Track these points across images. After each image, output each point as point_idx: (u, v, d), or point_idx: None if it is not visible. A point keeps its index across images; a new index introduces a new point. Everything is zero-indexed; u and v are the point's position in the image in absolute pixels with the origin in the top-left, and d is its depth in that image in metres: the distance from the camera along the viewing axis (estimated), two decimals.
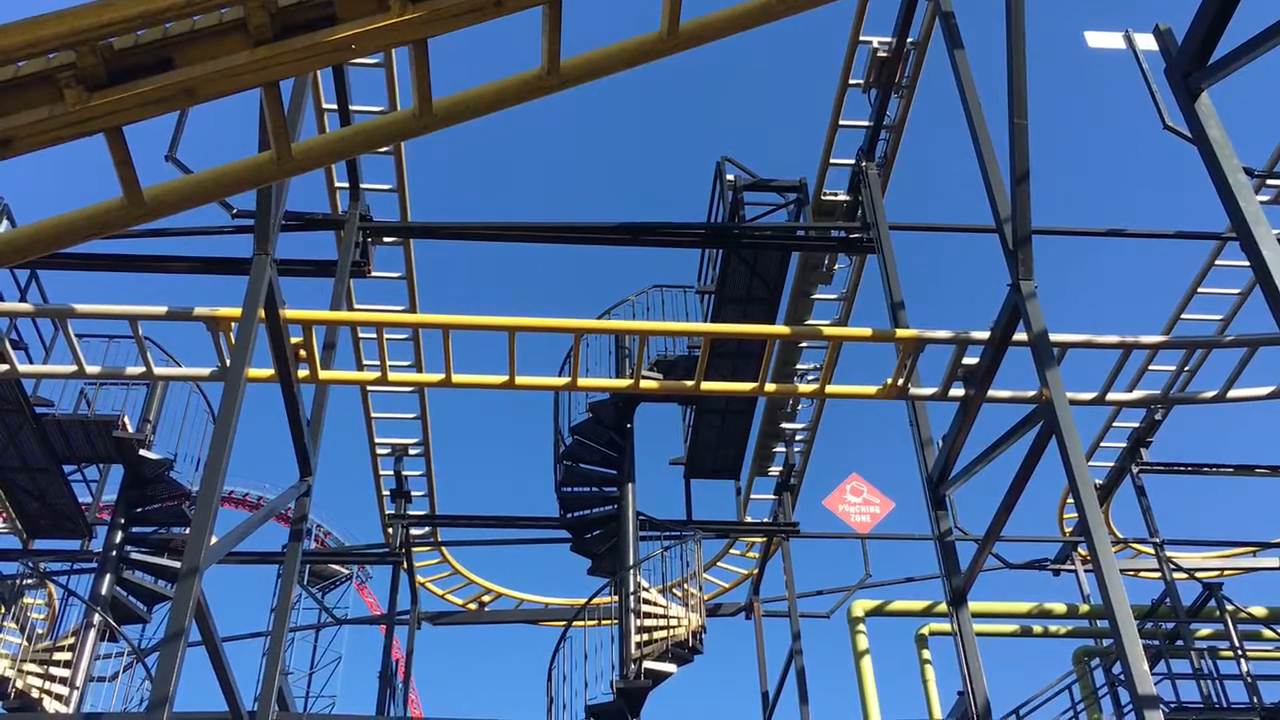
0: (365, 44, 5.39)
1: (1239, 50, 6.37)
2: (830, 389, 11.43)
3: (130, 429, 14.58)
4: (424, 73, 5.66)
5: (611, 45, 6.02)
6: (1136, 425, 17.49)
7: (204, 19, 5.17)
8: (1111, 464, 18.12)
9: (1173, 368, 13.51)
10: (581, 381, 11.71)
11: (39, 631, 14.68)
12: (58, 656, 13.69)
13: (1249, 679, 14.15)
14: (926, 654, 17.56)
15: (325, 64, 5.55)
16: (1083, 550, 18.11)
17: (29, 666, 13.51)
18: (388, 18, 5.31)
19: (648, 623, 13.14)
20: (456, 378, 11.14)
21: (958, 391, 10.93)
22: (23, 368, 11.74)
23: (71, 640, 13.84)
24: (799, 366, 16.05)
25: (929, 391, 11.19)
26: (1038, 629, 17.89)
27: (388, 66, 12.88)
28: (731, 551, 20.26)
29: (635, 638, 12.89)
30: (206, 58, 5.20)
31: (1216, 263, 15.23)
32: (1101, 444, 18.12)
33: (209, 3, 5.00)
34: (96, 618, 13.86)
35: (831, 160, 14.25)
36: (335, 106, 12.87)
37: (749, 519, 18.62)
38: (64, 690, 13.46)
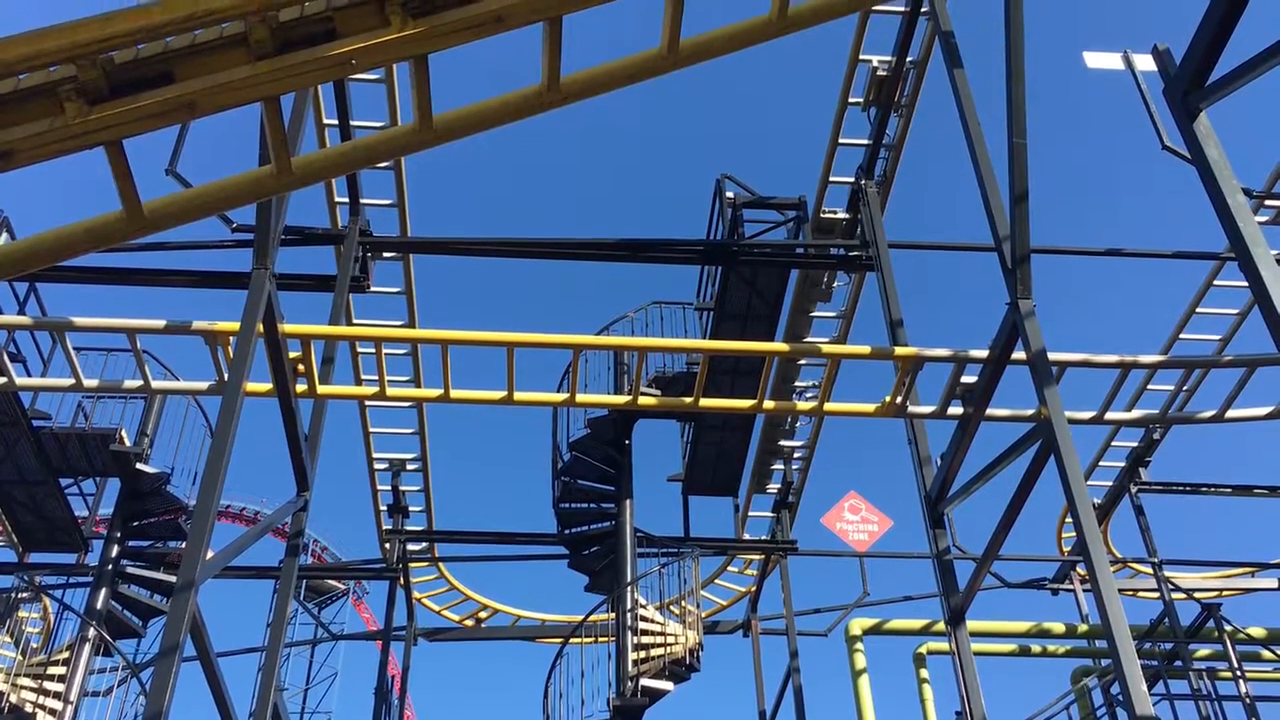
0: (366, 59, 5.40)
1: (1237, 71, 6.38)
2: (829, 406, 11.42)
3: (127, 442, 14.55)
4: (424, 88, 5.67)
5: (612, 61, 6.03)
6: (1135, 445, 17.45)
7: (205, 33, 5.18)
8: (1110, 483, 18.08)
9: (1171, 387, 13.50)
10: (580, 397, 11.71)
11: (34, 646, 14.62)
12: (52, 671, 13.63)
13: (1248, 700, 14.10)
14: (924, 673, 17.49)
15: (326, 79, 5.56)
16: (1081, 570, 18.06)
17: (23, 681, 13.45)
18: (388, 33, 5.32)
19: (645, 640, 13.10)
20: (455, 393, 11.14)
21: (956, 410, 10.92)
22: (20, 380, 11.73)
23: (66, 654, 13.78)
24: (798, 384, 16.04)
25: (928, 410, 11.18)
26: (1036, 648, 17.83)
27: (389, 81, 12.91)
28: (729, 569, 20.20)
29: (632, 655, 12.85)
30: (207, 72, 5.21)
31: (1215, 282, 15.23)
32: (1100, 463, 18.08)
33: (210, 17, 5.01)
34: (91, 632, 13.81)
35: (831, 178, 14.27)
36: (336, 121, 12.89)
37: (747, 536, 18.58)
38: (58, 705, 13.39)
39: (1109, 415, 12.16)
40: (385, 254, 13.75)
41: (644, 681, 12.53)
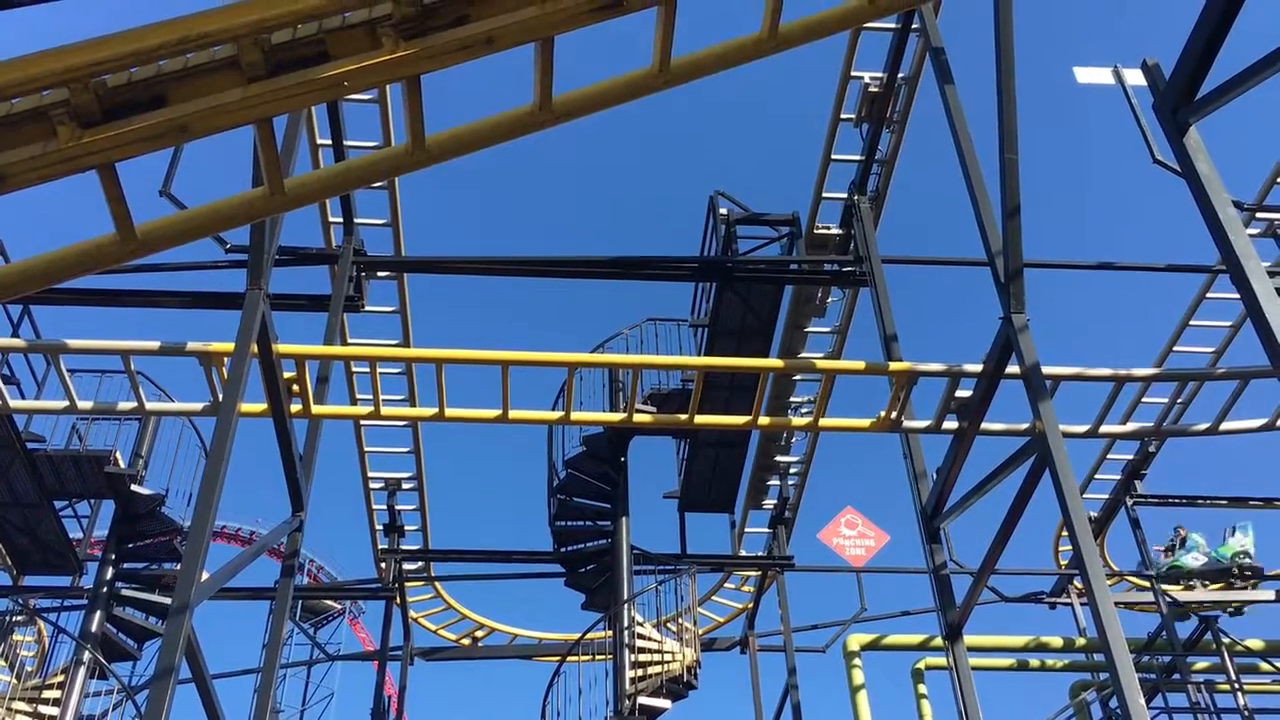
0: (358, 81, 5.41)
1: (1226, 85, 6.41)
2: (824, 422, 11.43)
3: (122, 464, 14.49)
4: (417, 108, 5.68)
5: (604, 81, 6.04)
6: (1130, 458, 17.47)
7: (197, 56, 5.18)
8: (1106, 496, 18.09)
9: (1165, 400, 13.52)
10: (575, 415, 11.72)
11: (28, 669, 14.55)
12: (47, 694, 13.57)
13: (1246, 712, 14.09)
14: (923, 688, 17.44)
15: (318, 100, 5.57)
16: (1078, 583, 18.04)
17: (18, 705, 13.39)
18: (380, 55, 5.33)
19: (642, 658, 13.06)
20: (450, 412, 11.13)
21: (951, 424, 10.94)
22: (14, 403, 11.71)
23: (61, 678, 13.72)
24: (793, 399, 16.04)
25: (922, 424, 11.19)
26: (1034, 663, 17.80)
27: (382, 102, 12.94)
28: (726, 585, 20.15)
29: (629, 673, 12.81)
30: (199, 95, 5.21)
31: (1208, 296, 15.28)
32: (1096, 476, 18.10)
33: (201, 40, 5.02)
34: (86, 655, 13.74)
35: (824, 194, 14.30)
36: (329, 142, 12.92)
37: (743, 552, 18.56)
38: None
39: (1103, 429, 12.17)
40: (379, 273, 13.77)
41: (641, 699, 12.50)
